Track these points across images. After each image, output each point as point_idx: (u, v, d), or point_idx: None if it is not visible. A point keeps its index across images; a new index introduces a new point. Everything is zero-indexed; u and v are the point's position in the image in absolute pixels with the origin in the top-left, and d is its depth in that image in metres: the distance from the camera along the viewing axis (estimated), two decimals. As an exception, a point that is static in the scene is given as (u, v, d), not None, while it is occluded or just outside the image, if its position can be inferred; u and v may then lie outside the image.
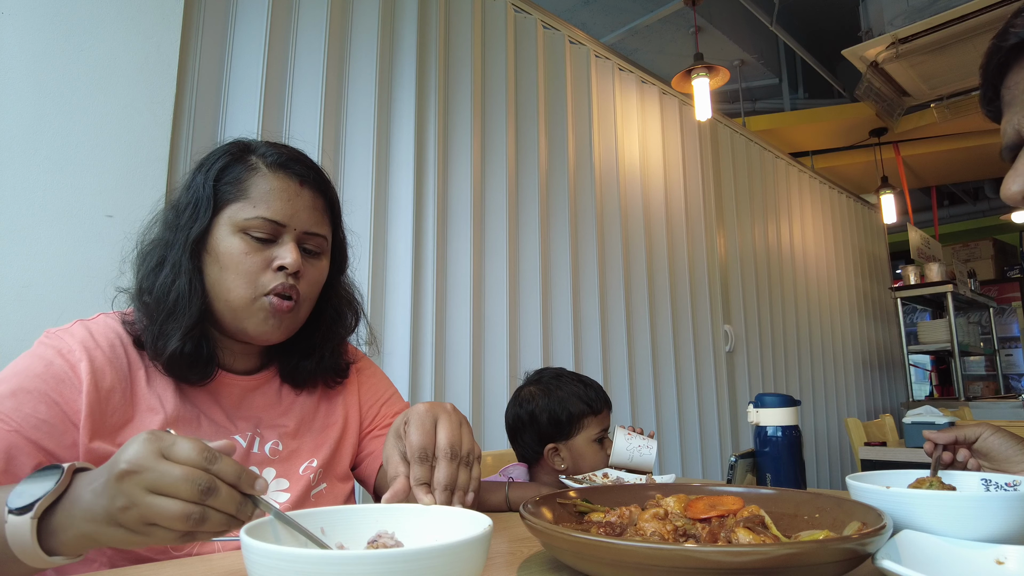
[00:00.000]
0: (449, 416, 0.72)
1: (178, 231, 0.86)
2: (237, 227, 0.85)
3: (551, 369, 1.35)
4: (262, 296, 0.85)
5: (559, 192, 2.50)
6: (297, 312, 0.89)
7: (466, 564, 0.49)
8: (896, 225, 5.43)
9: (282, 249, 0.86)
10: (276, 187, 0.87)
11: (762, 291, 3.65)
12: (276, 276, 0.86)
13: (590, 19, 4.03)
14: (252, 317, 0.86)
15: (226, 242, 0.85)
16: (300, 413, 0.96)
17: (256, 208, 0.85)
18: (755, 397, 1.14)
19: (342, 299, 1.01)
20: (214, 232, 0.86)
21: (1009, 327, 6.62)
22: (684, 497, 0.72)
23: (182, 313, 0.83)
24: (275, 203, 0.86)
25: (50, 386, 0.76)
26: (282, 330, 0.88)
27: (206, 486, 0.54)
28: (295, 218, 0.87)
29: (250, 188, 0.86)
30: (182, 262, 0.84)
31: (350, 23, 1.95)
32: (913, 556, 0.57)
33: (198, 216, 0.85)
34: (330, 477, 0.95)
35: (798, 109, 5.01)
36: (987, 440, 0.93)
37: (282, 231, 0.87)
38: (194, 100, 1.59)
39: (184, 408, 0.85)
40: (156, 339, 0.83)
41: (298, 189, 0.88)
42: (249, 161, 0.88)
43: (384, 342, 1.89)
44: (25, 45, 1.33)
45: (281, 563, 0.46)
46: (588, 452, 1.24)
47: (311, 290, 0.91)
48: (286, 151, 0.91)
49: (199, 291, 0.84)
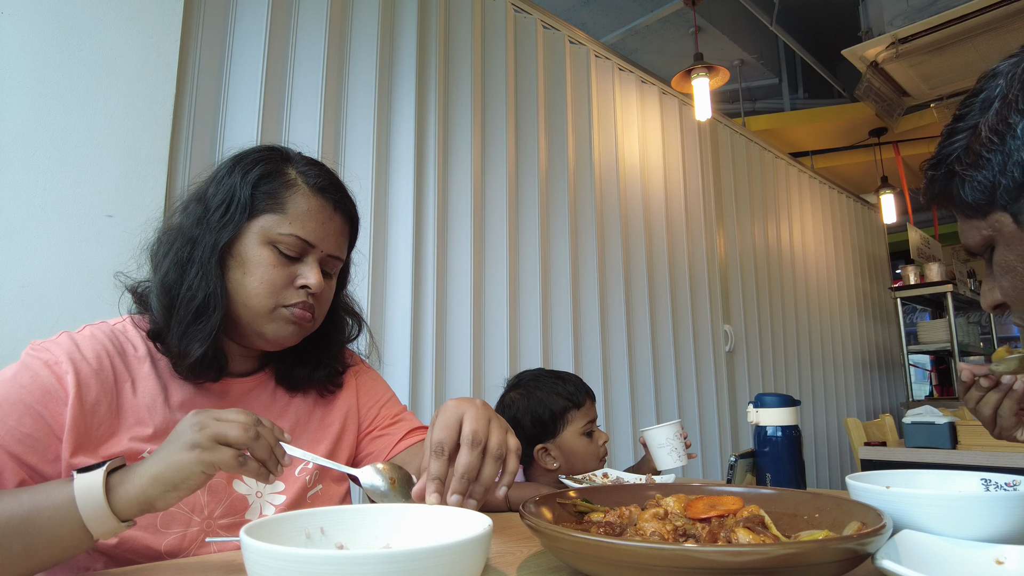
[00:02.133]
0: (477, 409, 0.73)
1: (208, 230, 0.85)
2: (268, 239, 0.86)
3: (529, 372, 1.35)
4: (282, 307, 0.87)
5: (559, 192, 2.50)
6: (313, 324, 0.91)
7: (465, 564, 0.49)
8: (896, 225, 5.43)
9: (306, 268, 0.88)
10: (313, 208, 0.88)
11: (762, 291, 3.65)
12: (298, 293, 0.87)
13: (590, 19, 4.03)
14: (272, 323, 0.87)
15: (254, 251, 0.86)
16: (295, 415, 0.96)
17: (292, 225, 0.86)
18: (755, 397, 1.15)
19: (344, 309, 1.03)
20: (243, 237, 0.86)
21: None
22: (684, 497, 0.72)
23: (209, 318, 0.83)
24: (310, 224, 0.88)
25: (35, 398, 0.75)
26: (298, 338, 0.90)
27: (255, 428, 0.68)
28: (324, 241, 0.89)
29: (288, 203, 0.87)
30: (211, 265, 0.84)
31: (350, 23, 1.95)
32: (913, 556, 0.57)
33: (232, 219, 0.85)
34: (326, 479, 0.95)
35: (798, 109, 5.01)
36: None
37: (309, 251, 0.88)
38: (194, 100, 1.59)
39: (176, 416, 0.85)
40: (180, 340, 0.83)
41: (332, 214, 0.91)
42: (288, 175, 0.89)
43: (384, 343, 1.89)
44: (25, 45, 1.33)
45: (280, 563, 0.46)
46: (578, 446, 1.24)
47: (325, 307, 0.94)
48: (325, 173, 0.93)
49: (225, 295, 0.85)
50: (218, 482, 0.84)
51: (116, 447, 0.79)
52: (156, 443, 0.81)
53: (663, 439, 1.23)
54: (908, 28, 3.44)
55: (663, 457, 1.22)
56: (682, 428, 1.26)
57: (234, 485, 0.85)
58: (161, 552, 0.78)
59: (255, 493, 0.87)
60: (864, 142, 5.12)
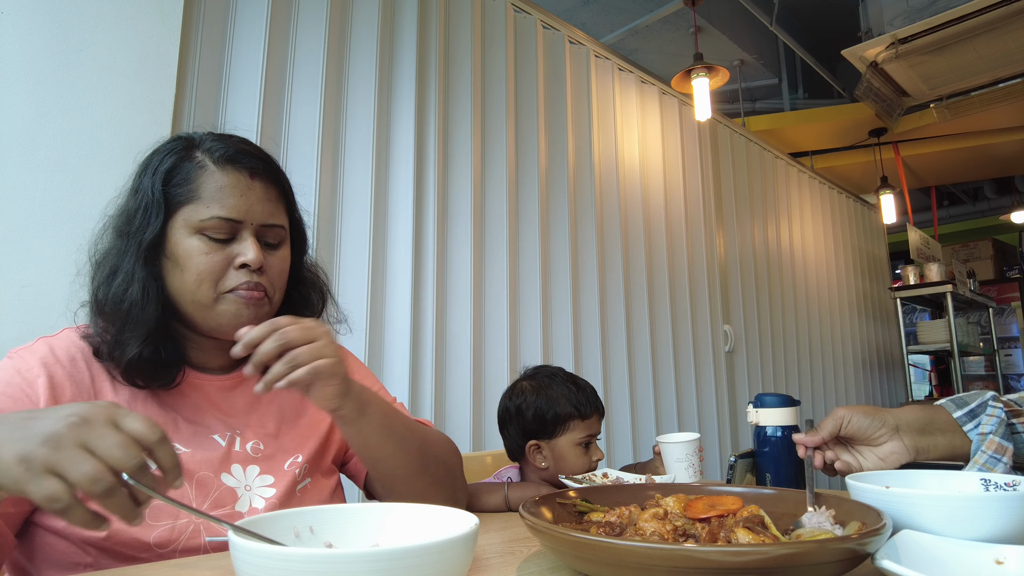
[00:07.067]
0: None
1: (130, 238, 0.84)
2: (193, 228, 0.83)
3: (549, 367, 1.35)
4: (226, 293, 0.84)
5: (559, 192, 2.50)
6: (269, 304, 0.89)
7: (451, 563, 0.49)
8: (896, 225, 5.43)
9: (242, 245, 0.85)
10: (227, 183, 0.84)
11: (762, 291, 3.65)
12: (239, 274, 0.84)
13: (590, 19, 4.02)
14: (223, 313, 0.85)
15: (184, 244, 0.83)
16: (280, 409, 0.95)
17: (210, 208, 0.83)
18: (755, 397, 1.15)
19: (306, 282, 1.00)
20: (170, 236, 0.84)
21: (1008, 327, 6.62)
22: (684, 497, 0.72)
23: (137, 320, 0.81)
24: (228, 200, 0.84)
25: (5, 405, 0.76)
26: (257, 320, 0.86)
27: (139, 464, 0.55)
28: (251, 212, 0.85)
29: (201, 187, 0.84)
30: (135, 270, 0.82)
31: (350, 23, 1.95)
32: (912, 556, 0.57)
33: (149, 221, 0.83)
34: (315, 472, 0.94)
35: (798, 109, 5.00)
36: (849, 425, 0.92)
37: (239, 227, 0.85)
38: (194, 100, 1.59)
39: (157, 413, 0.85)
40: (113, 348, 0.82)
41: (249, 182, 0.86)
42: (195, 158, 0.86)
43: (384, 343, 1.89)
44: (25, 45, 1.33)
45: (268, 561, 0.46)
46: (570, 455, 1.24)
47: (278, 281, 0.90)
48: (232, 143, 0.88)
49: (154, 297, 0.83)
50: (206, 475, 0.83)
51: None
52: None
53: (682, 454, 1.21)
54: (908, 28, 3.44)
55: (679, 472, 1.21)
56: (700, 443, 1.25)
57: (222, 478, 0.84)
58: (150, 544, 0.77)
59: (244, 486, 0.85)
60: (864, 142, 5.12)
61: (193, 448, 0.84)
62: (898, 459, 0.91)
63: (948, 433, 0.91)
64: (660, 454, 1.27)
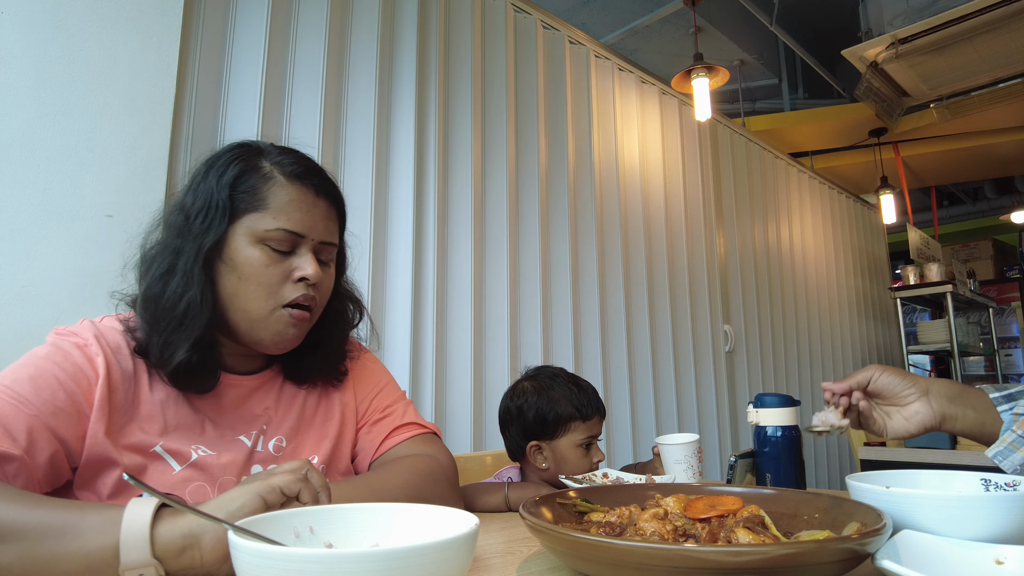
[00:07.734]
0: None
1: (189, 238, 0.84)
2: (256, 238, 0.84)
3: (550, 368, 1.35)
4: (281, 308, 0.85)
5: (559, 192, 2.50)
6: (312, 321, 0.91)
7: (451, 563, 0.49)
8: (896, 225, 5.43)
9: (301, 260, 0.86)
10: (295, 197, 0.86)
11: (762, 291, 3.65)
12: (296, 287, 0.86)
13: (590, 19, 4.03)
14: (270, 328, 0.86)
15: (245, 252, 0.84)
16: (301, 409, 0.96)
17: (276, 219, 0.84)
18: (755, 397, 1.14)
19: (345, 297, 1.02)
20: (230, 242, 0.84)
21: (1008, 327, 6.62)
22: (684, 497, 0.72)
23: (192, 324, 0.82)
24: (295, 214, 0.86)
25: (69, 374, 0.77)
26: (297, 341, 0.89)
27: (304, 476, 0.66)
28: (313, 229, 0.87)
29: (268, 198, 0.85)
30: (194, 272, 0.82)
31: (350, 23, 1.95)
32: (913, 556, 0.57)
33: (213, 224, 0.84)
34: (332, 472, 0.95)
35: (798, 109, 5.00)
36: (878, 380, 0.94)
37: (300, 242, 0.87)
38: (194, 100, 1.59)
39: (186, 412, 0.85)
40: (163, 349, 0.82)
41: (315, 199, 0.88)
42: (263, 169, 0.87)
43: (385, 343, 1.88)
44: (25, 45, 1.33)
45: (268, 561, 0.46)
46: (571, 456, 1.24)
47: (324, 298, 0.92)
48: (300, 159, 0.91)
49: (210, 302, 0.83)
50: (228, 480, 0.84)
51: (130, 437, 0.80)
52: (165, 439, 0.82)
53: (681, 455, 1.20)
54: (908, 28, 3.44)
55: (679, 473, 1.20)
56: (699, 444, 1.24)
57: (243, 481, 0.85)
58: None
59: None
60: (864, 142, 5.12)
61: (219, 451, 0.86)
62: (922, 420, 0.91)
63: (980, 409, 0.91)
64: (660, 455, 1.27)
